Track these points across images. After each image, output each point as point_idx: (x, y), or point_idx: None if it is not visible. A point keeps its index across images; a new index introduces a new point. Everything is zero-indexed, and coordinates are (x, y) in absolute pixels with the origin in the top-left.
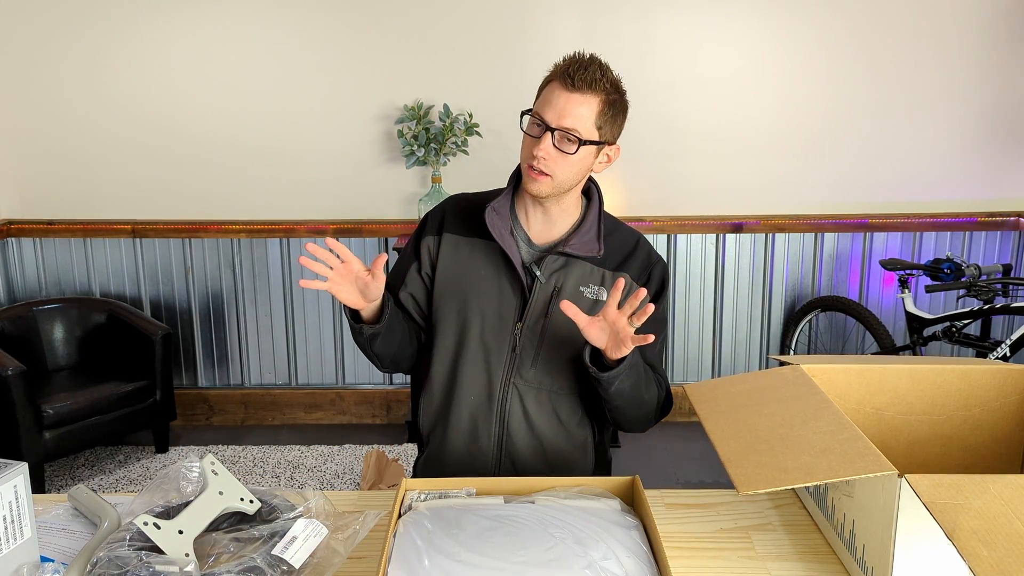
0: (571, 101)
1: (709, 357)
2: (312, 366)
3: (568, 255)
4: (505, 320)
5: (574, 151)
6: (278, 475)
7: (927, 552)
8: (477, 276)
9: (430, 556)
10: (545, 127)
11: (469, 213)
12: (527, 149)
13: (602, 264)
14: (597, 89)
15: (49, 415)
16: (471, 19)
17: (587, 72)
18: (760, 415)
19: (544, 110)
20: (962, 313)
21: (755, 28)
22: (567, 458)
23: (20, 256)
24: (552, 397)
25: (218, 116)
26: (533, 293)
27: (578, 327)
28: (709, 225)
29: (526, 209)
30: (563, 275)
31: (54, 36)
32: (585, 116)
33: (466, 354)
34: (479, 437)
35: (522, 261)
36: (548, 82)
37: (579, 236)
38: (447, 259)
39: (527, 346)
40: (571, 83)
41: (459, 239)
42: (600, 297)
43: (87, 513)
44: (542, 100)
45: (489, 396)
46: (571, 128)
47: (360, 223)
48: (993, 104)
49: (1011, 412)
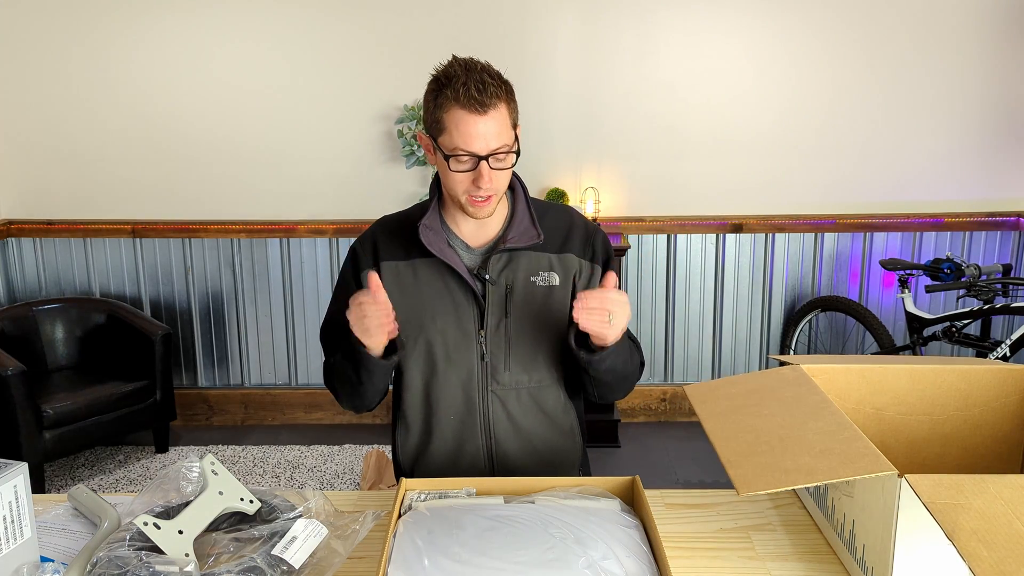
0: (488, 122)
1: (709, 357)
2: (312, 366)
3: (511, 249)
4: (467, 332)
5: (512, 164)
6: (278, 475)
7: (927, 552)
8: (428, 297)
9: (430, 556)
10: (477, 159)
11: (400, 235)
12: (461, 184)
13: (544, 249)
14: (500, 95)
15: (49, 415)
16: (471, 19)
17: (487, 86)
18: (760, 415)
19: (467, 144)
20: (962, 313)
21: (755, 28)
22: (557, 449)
23: (20, 256)
24: (533, 393)
25: (218, 116)
26: (487, 298)
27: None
28: (709, 225)
29: (455, 218)
30: (511, 272)
31: (54, 36)
32: (505, 128)
33: (436, 376)
34: (466, 453)
35: (467, 269)
36: (447, 110)
37: (515, 228)
38: (392, 288)
39: (495, 351)
40: (479, 105)
41: (398, 264)
42: (552, 282)
43: (87, 513)
44: (456, 134)
45: (469, 410)
46: (501, 146)
47: (360, 223)
48: (993, 104)
49: (1011, 412)
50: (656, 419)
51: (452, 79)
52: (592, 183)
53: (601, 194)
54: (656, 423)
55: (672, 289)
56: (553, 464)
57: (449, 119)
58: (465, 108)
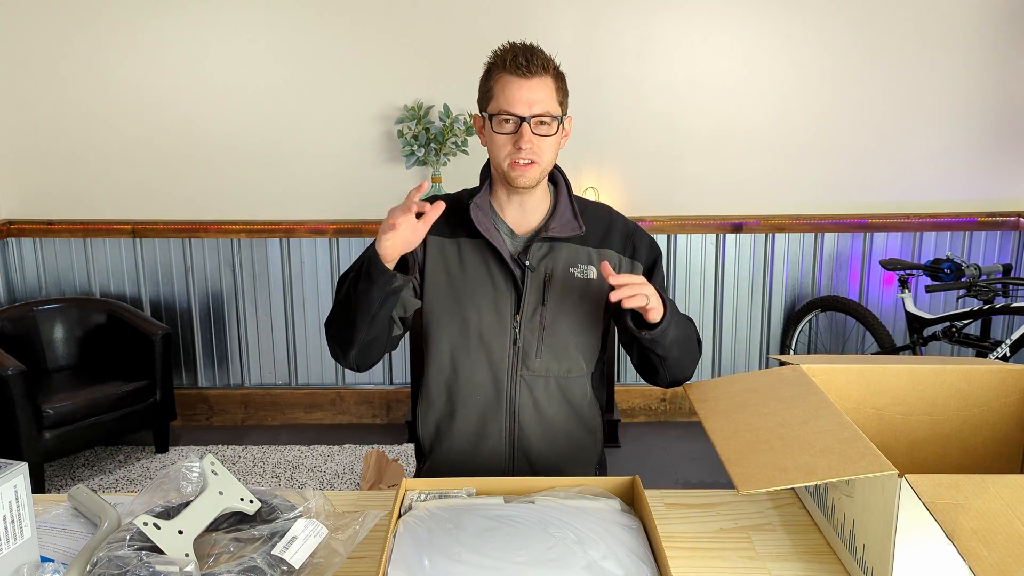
0: (533, 88)
1: (709, 357)
2: (312, 366)
3: (552, 239)
4: (503, 315)
5: (554, 132)
6: (278, 475)
7: (927, 552)
8: (469, 276)
9: (430, 556)
10: (519, 120)
11: (450, 212)
12: (504, 147)
13: (585, 243)
14: (548, 68)
15: (49, 415)
16: (471, 19)
17: (535, 56)
18: (760, 415)
19: (511, 105)
20: (962, 313)
21: (755, 28)
22: (578, 443)
23: (20, 256)
24: (561, 383)
25: (218, 116)
26: (525, 284)
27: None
28: (709, 225)
29: (501, 203)
30: (551, 260)
31: (54, 36)
32: (549, 97)
33: (468, 355)
34: (489, 435)
35: (510, 254)
36: (495, 78)
37: (557, 219)
38: (435, 262)
39: (529, 337)
40: (526, 71)
41: (444, 240)
42: (590, 275)
43: (87, 513)
44: (502, 97)
45: (497, 392)
46: (544, 112)
47: (360, 223)
48: (993, 104)
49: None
50: (656, 419)
51: (504, 53)
52: (592, 183)
53: (601, 194)
54: (656, 423)
55: (672, 289)
56: (572, 458)
57: (496, 85)
58: (511, 72)
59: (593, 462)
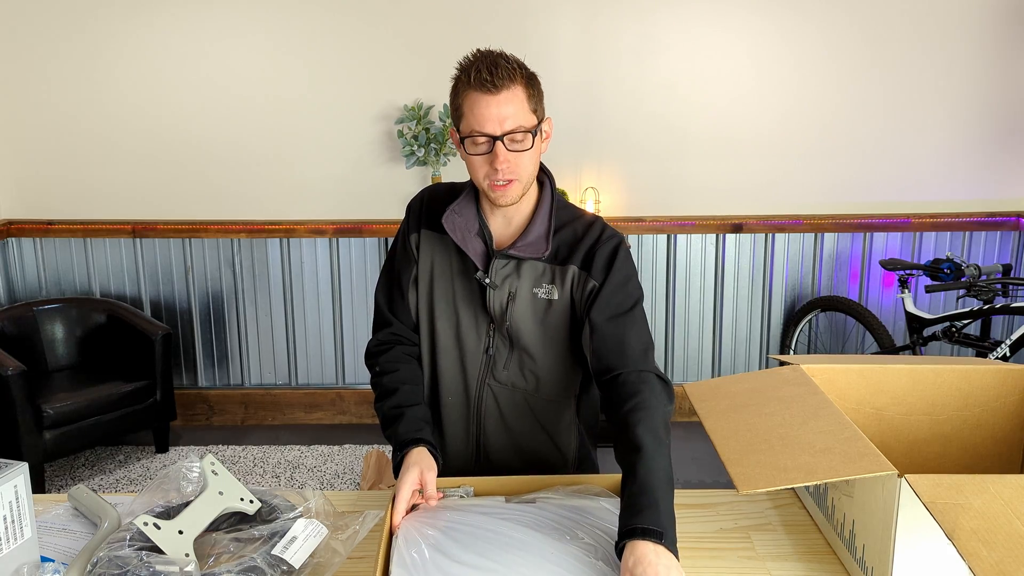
0: (502, 103)
1: (709, 357)
2: (312, 366)
3: (516, 257)
4: (479, 322)
5: (530, 145)
6: (278, 475)
7: (927, 552)
8: (455, 272)
9: (430, 556)
10: (491, 139)
11: (442, 206)
12: (482, 168)
13: (551, 260)
14: (515, 78)
15: (49, 415)
16: (471, 19)
17: (499, 68)
18: (760, 415)
19: (481, 124)
20: (962, 313)
21: (755, 28)
22: (545, 460)
23: (20, 256)
24: (529, 399)
25: (218, 116)
26: (489, 300)
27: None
28: (709, 225)
29: (486, 212)
30: (515, 279)
31: (54, 36)
32: (521, 109)
33: (445, 353)
34: (456, 436)
35: (476, 268)
36: (463, 96)
37: (524, 237)
38: (426, 257)
39: (500, 348)
40: (491, 86)
41: (433, 235)
42: (552, 296)
43: (87, 513)
44: (471, 117)
45: (466, 396)
46: (516, 128)
47: (360, 223)
48: (993, 104)
49: (1011, 412)
50: None
51: (468, 67)
52: (592, 183)
53: (601, 194)
54: None
55: (672, 289)
56: (537, 469)
57: (465, 103)
58: (477, 89)
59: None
